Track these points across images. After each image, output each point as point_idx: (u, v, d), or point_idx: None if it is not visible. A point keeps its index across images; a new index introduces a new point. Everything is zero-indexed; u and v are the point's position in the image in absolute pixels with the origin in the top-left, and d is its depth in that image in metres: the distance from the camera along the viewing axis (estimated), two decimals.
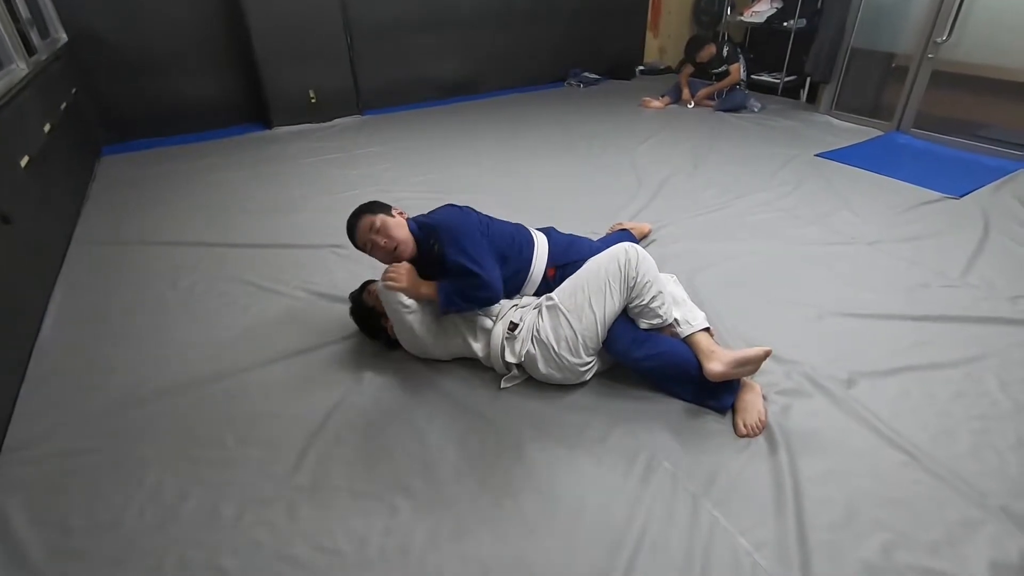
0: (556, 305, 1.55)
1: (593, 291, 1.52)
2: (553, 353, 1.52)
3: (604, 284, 1.52)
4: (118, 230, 2.66)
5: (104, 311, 2.06)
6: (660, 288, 1.54)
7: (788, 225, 2.59)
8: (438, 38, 4.65)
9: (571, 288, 1.57)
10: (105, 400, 1.63)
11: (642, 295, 1.52)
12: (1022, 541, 1.17)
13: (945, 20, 3.38)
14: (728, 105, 4.39)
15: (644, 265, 1.53)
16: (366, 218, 1.64)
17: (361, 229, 1.64)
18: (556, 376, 1.56)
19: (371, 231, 1.62)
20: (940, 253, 2.30)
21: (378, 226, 1.62)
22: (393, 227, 1.63)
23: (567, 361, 1.52)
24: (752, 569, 1.12)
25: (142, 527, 1.25)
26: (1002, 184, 2.96)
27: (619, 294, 1.52)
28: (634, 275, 1.51)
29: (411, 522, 1.24)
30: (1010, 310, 1.93)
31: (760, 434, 1.43)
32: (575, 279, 1.58)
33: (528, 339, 1.55)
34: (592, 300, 1.51)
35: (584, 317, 1.51)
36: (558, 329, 1.52)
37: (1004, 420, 1.48)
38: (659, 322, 1.54)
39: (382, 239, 1.61)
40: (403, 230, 1.64)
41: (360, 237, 1.65)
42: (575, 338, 1.51)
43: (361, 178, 3.23)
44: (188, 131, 4.05)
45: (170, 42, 3.82)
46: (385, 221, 1.63)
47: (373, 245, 1.63)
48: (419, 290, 1.59)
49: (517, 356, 1.57)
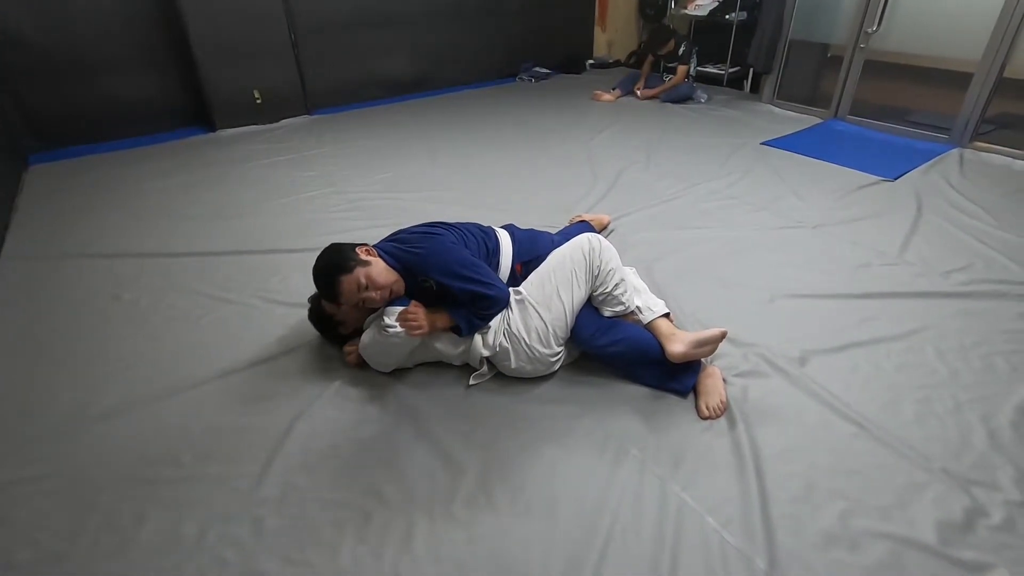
0: (524, 299, 1.56)
1: (560, 281, 1.55)
2: (525, 346, 1.53)
3: (571, 274, 1.55)
4: (51, 244, 2.50)
5: (41, 331, 1.93)
6: (622, 276, 1.59)
7: (739, 212, 2.67)
8: (387, 34, 4.56)
9: (538, 281, 1.58)
10: (48, 424, 1.53)
11: (606, 283, 1.56)
12: (964, 499, 1.25)
13: (875, 12, 3.56)
14: (675, 96, 4.49)
15: (607, 254, 1.57)
16: (347, 279, 1.48)
17: (347, 292, 1.49)
18: (527, 369, 1.57)
19: (360, 291, 1.48)
20: (879, 233, 2.43)
21: (364, 283, 1.48)
22: (377, 274, 1.50)
23: (538, 352, 1.53)
24: (720, 547, 1.16)
25: (97, 555, 1.19)
26: (931, 166, 3.15)
27: (585, 283, 1.56)
28: (598, 263, 1.55)
29: (384, 527, 1.22)
30: (944, 284, 2.06)
31: (722, 415, 1.48)
32: (541, 272, 1.59)
33: (500, 331, 1.56)
34: (560, 290, 1.54)
35: (553, 307, 1.54)
36: (528, 321, 1.53)
37: (942, 387, 1.58)
38: (622, 309, 1.58)
39: (375, 293, 1.49)
40: (386, 272, 1.52)
41: (348, 299, 1.51)
42: (546, 329, 1.53)
43: (313, 179, 3.15)
44: (124, 136, 3.82)
45: (100, 42, 3.59)
46: (369, 273, 1.49)
47: (366, 301, 1.51)
48: (436, 326, 1.53)
49: (490, 348, 1.56)
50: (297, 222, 2.66)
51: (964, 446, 1.39)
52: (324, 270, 1.53)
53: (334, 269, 1.51)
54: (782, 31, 4.12)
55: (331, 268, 1.52)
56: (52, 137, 3.63)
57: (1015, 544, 1.16)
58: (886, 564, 1.13)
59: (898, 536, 1.18)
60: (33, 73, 3.46)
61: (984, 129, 3.35)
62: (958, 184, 2.92)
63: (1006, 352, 1.70)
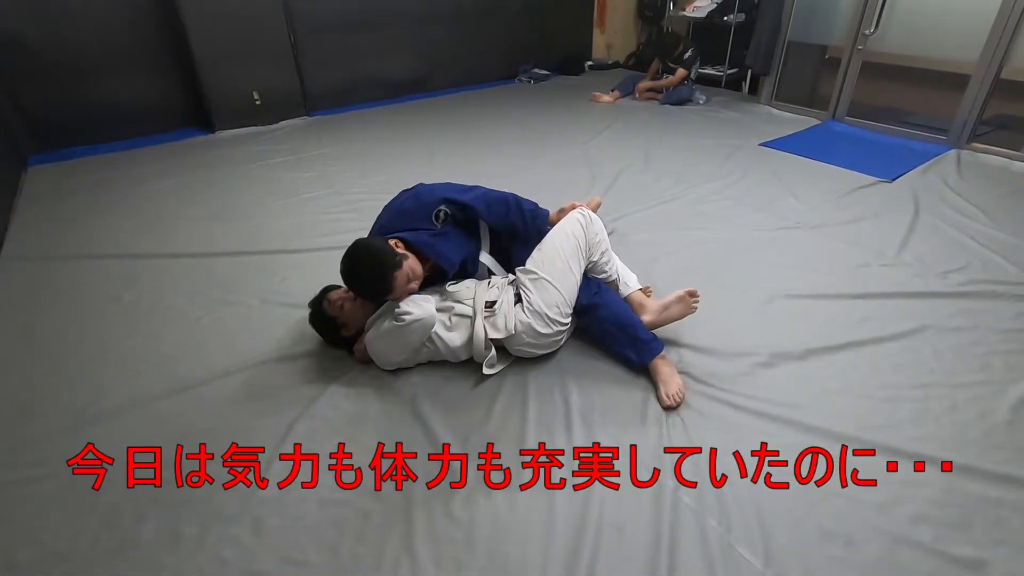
0: (540, 277, 1.63)
1: (569, 255, 1.67)
2: (548, 320, 1.60)
3: (575, 248, 1.68)
4: (51, 245, 2.50)
5: (42, 331, 1.93)
6: (607, 246, 1.78)
7: (737, 213, 2.68)
8: (386, 35, 4.56)
9: (548, 257, 1.66)
10: (48, 424, 1.53)
11: (595, 253, 1.73)
12: (960, 497, 1.26)
13: (872, 13, 3.58)
14: (674, 99, 4.50)
15: (597, 225, 1.76)
16: (400, 274, 1.52)
17: (400, 286, 1.53)
18: (540, 344, 1.64)
19: (408, 282, 1.55)
20: (877, 234, 2.44)
21: (410, 275, 1.56)
22: (416, 266, 1.58)
23: (559, 325, 1.63)
24: (718, 543, 1.17)
25: (97, 555, 1.19)
26: (929, 167, 3.16)
27: (584, 254, 1.71)
28: (593, 236, 1.72)
29: (383, 527, 1.23)
30: (941, 284, 2.07)
31: (680, 404, 1.52)
32: (546, 249, 1.69)
33: (510, 312, 1.60)
34: (571, 263, 1.66)
35: (567, 279, 1.65)
36: (547, 297, 1.61)
37: (939, 387, 1.58)
38: (605, 277, 1.77)
39: (416, 283, 1.59)
40: (418, 262, 1.61)
41: (400, 293, 1.55)
42: (564, 300, 1.63)
43: (312, 180, 3.15)
44: (123, 137, 3.82)
45: (99, 43, 3.59)
46: (411, 266, 1.56)
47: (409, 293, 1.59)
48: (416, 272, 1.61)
49: (504, 330, 1.59)
50: (296, 223, 2.66)
51: (961, 444, 1.40)
52: (375, 267, 1.52)
53: (387, 267, 1.51)
54: (780, 33, 4.13)
55: (383, 266, 1.51)
56: (51, 138, 3.63)
57: (1010, 541, 1.17)
58: (882, 561, 1.14)
59: (894, 533, 1.19)
60: (32, 74, 3.46)
61: (981, 130, 3.36)
62: (955, 185, 2.93)
63: (1003, 352, 1.71)
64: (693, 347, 1.75)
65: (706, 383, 1.61)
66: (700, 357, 1.71)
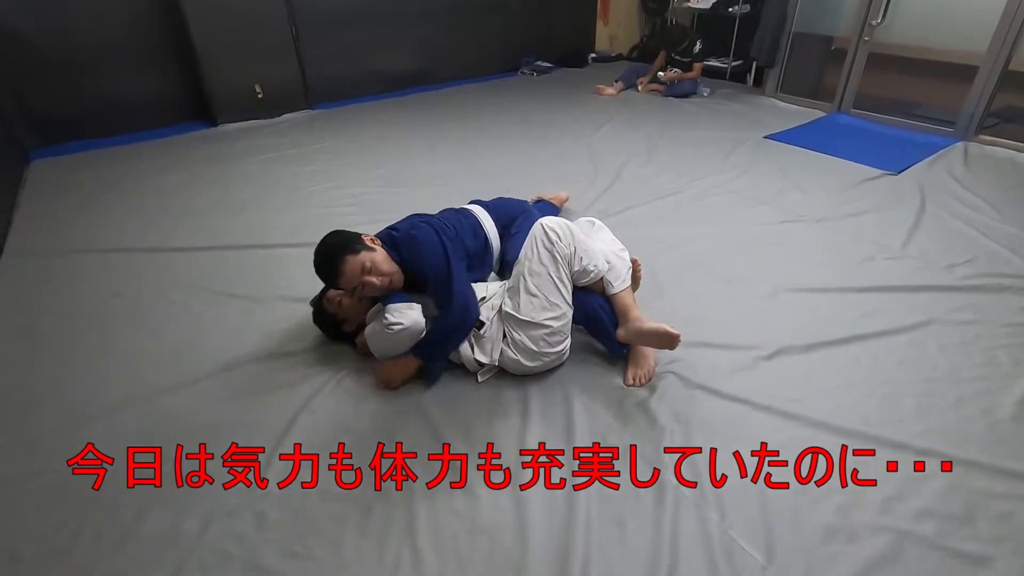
0: (522, 320, 1.53)
1: (548, 290, 1.53)
2: (534, 354, 1.55)
3: (549, 277, 1.54)
4: (52, 240, 2.50)
5: (44, 326, 1.94)
6: (582, 248, 1.58)
7: (741, 206, 2.66)
8: (388, 28, 4.54)
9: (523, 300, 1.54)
10: (49, 420, 1.54)
11: (572, 263, 1.56)
12: (964, 492, 1.25)
13: (879, 4, 3.53)
14: (678, 91, 4.47)
15: (565, 236, 1.55)
16: (352, 259, 1.50)
17: (350, 272, 1.51)
18: (536, 366, 1.58)
19: (363, 272, 1.51)
20: (882, 227, 2.42)
21: (369, 266, 1.51)
22: (381, 261, 1.54)
23: (547, 357, 1.57)
24: (720, 538, 1.16)
25: (99, 550, 1.19)
26: (935, 159, 3.13)
27: (564, 271, 1.56)
28: (563, 250, 1.54)
29: (386, 521, 1.23)
30: (946, 278, 2.05)
31: (644, 385, 1.56)
32: (522, 292, 1.55)
33: (497, 340, 1.57)
34: (550, 296, 1.53)
35: (550, 311, 1.53)
36: (532, 333, 1.53)
37: (943, 381, 1.57)
38: (593, 275, 1.59)
39: (376, 278, 1.52)
40: (388, 260, 1.57)
41: (350, 281, 1.52)
42: (551, 330, 1.54)
43: (315, 174, 3.14)
44: (125, 131, 3.82)
45: (101, 37, 3.59)
46: (373, 259, 1.52)
47: (365, 286, 1.53)
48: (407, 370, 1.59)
49: (490, 358, 1.57)
50: (298, 217, 2.66)
51: (965, 439, 1.39)
52: (330, 249, 1.55)
53: (341, 249, 1.53)
54: (785, 24, 4.09)
55: (338, 248, 1.53)
56: (53, 133, 3.63)
57: (1014, 536, 1.16)
58: (886, 556, 1.13)
59: (898, 528, 1.18)
60: (34, 68, 3.46)
61: (989, 122, 3.32)
62: (962, 178, 2.90)
63: (1008, 346, 1.70)
64: (695, 341, 1.74)
65: (708, 377, 1.60)
66: (702, 350, 1.70)
